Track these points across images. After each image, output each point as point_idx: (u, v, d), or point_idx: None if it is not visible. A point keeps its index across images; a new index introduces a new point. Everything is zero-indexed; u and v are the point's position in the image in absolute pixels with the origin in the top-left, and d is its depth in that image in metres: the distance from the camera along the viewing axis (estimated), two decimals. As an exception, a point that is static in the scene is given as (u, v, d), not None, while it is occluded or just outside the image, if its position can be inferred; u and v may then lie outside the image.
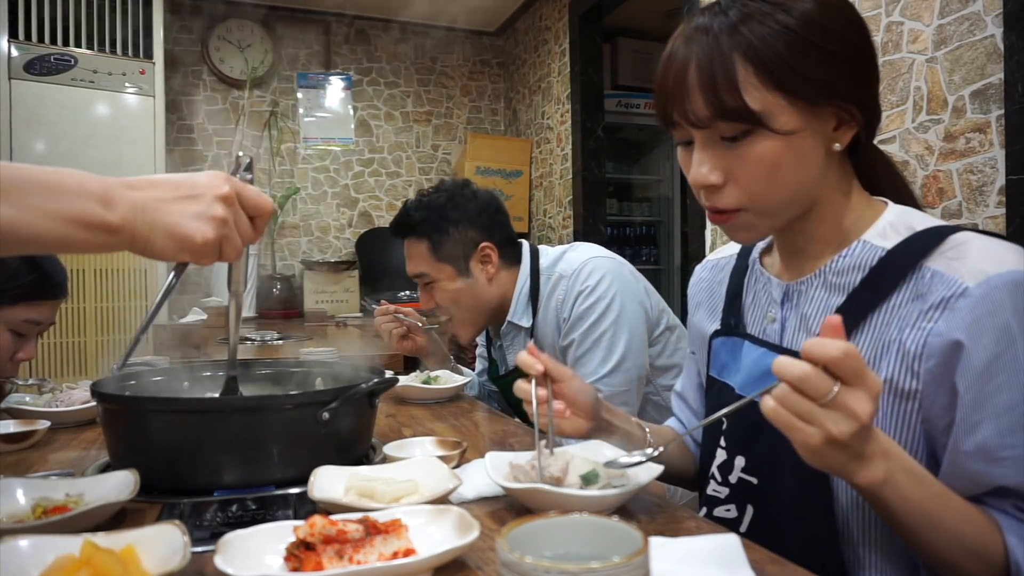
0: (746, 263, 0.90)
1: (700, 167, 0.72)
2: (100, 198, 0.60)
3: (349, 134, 4.02)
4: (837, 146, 0.72)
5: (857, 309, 0.72)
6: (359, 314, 3.71)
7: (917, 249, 0.69)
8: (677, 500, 1.27)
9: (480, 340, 1.72)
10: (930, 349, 0.66)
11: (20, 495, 0.70)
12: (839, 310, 0.73)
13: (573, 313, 1.40)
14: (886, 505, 0.62)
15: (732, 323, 0.88)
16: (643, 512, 0.72)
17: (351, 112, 4.02)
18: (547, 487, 0.67)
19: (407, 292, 3.84)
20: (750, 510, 0.80)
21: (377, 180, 4.11)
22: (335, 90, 3.98)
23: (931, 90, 1.50)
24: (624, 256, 1.55)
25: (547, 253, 1.53)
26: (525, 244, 1.55)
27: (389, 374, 0.98)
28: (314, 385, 1.04)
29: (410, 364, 1.73)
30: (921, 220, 0.73)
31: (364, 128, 4.07)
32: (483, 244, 1.47)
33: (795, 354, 0.59)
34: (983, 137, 1.40)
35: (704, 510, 0.87)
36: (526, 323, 1.48)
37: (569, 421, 0.82)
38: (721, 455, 0.85)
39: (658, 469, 0.73)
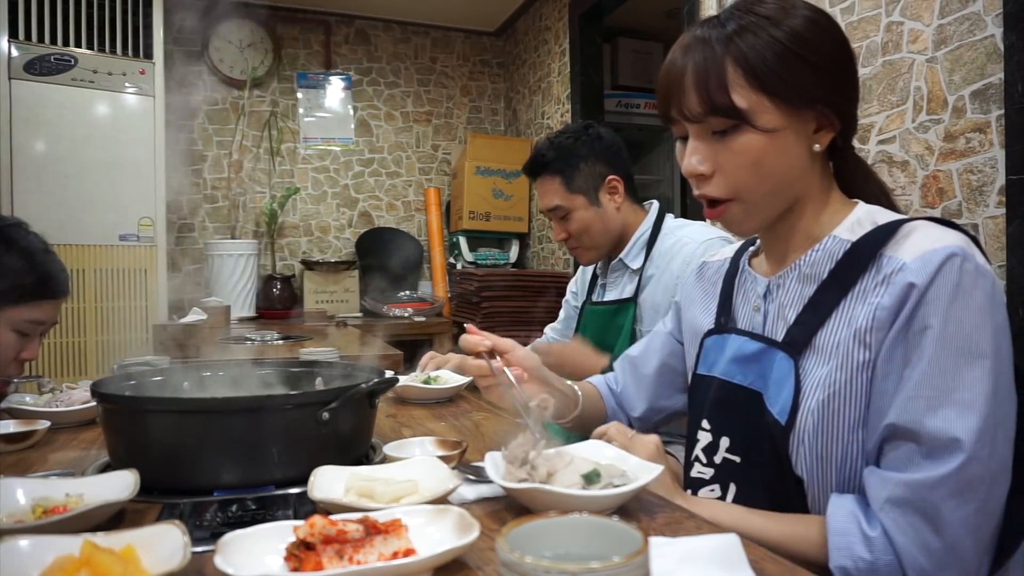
0: (737, 267, 0.97)
1: (691, 157, 0.81)
2: None
3: (349, 134, 4.02)
4: (817, 147, 0.80)
5: (827, 297, 0.79)
6: (359, 314, 3.71)
7: (877, 239, 0.77)
8: None
9: (572, 288, 1.93)
10: (879, 322, 0.72)
11: (20, 495, 0.70)
12: (811, 299, 0.80)
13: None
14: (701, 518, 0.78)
15: (723, 321, 0.94)
16: (643, 512, 0.72)
17: (351, 112, 4.03)
18: (547, 487, 0.68)
19: (407, 292, 3.84)
20: (732, 488, 0.85)
21: (377, 180, 4.11)
22: (335, 90, 3.99)
23: (931, 90, 1.50)
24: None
25: (670, 218, 1.69)
26: (655, 202, 1.74)
27: (389, 374, 0.98)
28: (314, 385, 1.04)
29: (410, 364, 1.73)
30: (884, 215, 0.80)
31: (364, 128, 4.08)
32: (611, 176, 1.65)
33: (773, 341, 0.83)
34: (983, 137, 1.40)
35: (688, 492, 0.91)
36: (635, 265, 1.63)
37: (526, 386, 0.97)
38: (705, 437, 0.90)
39: (659, 469, 0.73)
